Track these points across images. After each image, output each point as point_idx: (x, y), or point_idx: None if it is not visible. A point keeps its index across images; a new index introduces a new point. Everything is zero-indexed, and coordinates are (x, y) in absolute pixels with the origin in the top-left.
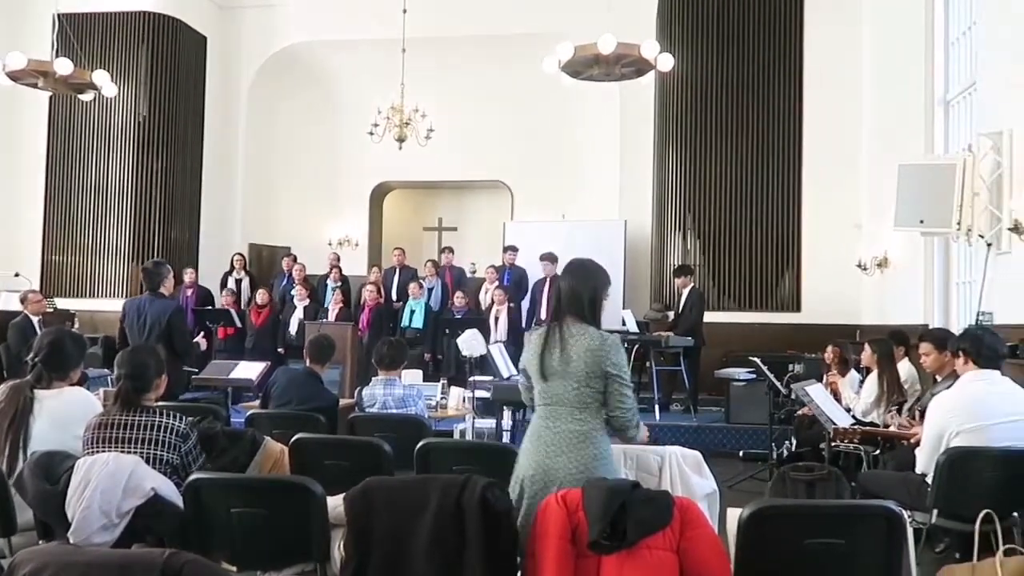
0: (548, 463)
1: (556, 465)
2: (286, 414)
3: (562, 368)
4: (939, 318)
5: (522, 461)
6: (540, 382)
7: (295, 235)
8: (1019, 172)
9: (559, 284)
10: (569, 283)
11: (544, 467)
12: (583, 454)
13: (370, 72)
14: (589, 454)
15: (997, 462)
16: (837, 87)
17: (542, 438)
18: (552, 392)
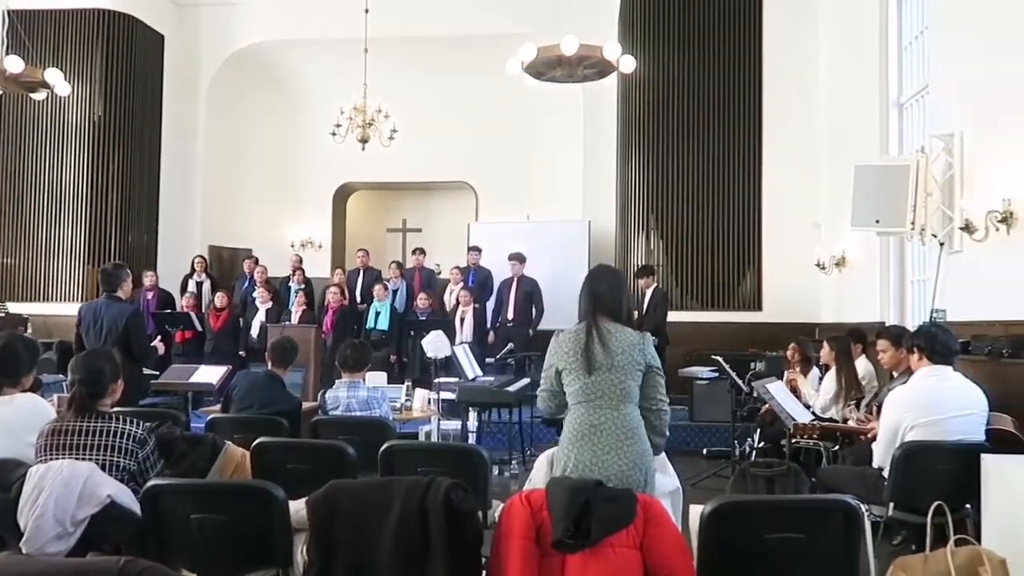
0: (601, 459)
1: (608, 461)
2: (247, 418)
3: (608, 361)
4: (895, 316)
5: (567, 457)
6: (583, 377)
7: (257, 237)
8: (969, 173)
9: (591, 287)
10: (603, 286)
11: (595, 464)
12: (632, 450)
13: (332, 72)
14: (637, 450)
15: (950, 455)
16: (795, 89)
17: (592, 434)
18: (598, 386)
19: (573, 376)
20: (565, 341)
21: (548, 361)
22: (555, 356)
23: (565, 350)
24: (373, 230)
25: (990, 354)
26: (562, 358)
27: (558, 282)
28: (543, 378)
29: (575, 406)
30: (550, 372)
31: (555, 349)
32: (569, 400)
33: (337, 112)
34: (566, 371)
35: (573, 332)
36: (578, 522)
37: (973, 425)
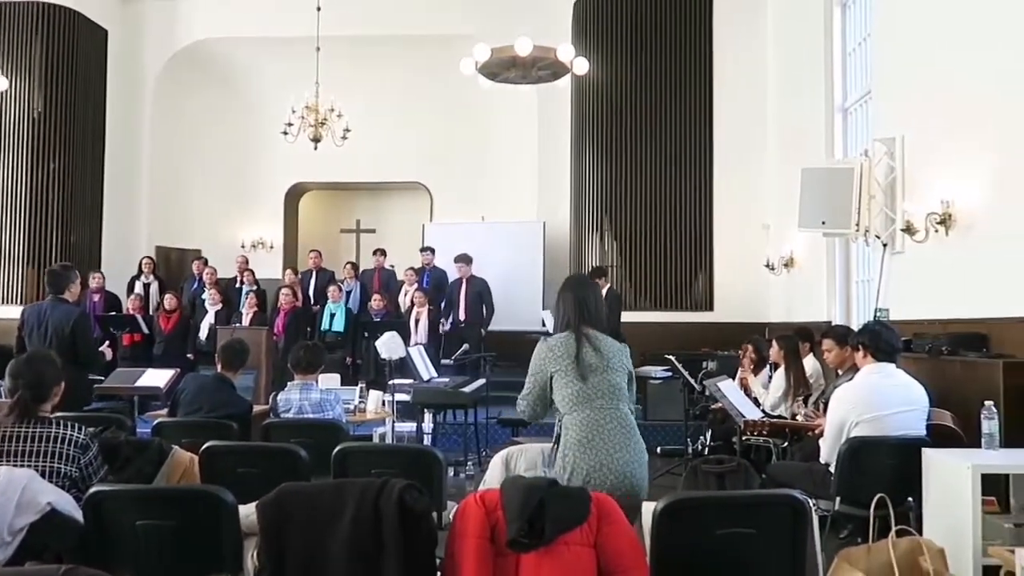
0: (613, 458)
1: (619, 459)
2: (196, 422)
3: (602, 364)
4: (841, 315)
5: (575, 461)
6: (578, 382)
7: (206, 237)
8: (910, 176)
9: (578, 295)
10: (590, 295)
11: (607, 463)
12: (638, 446)
13: (284, 70)
14: (641, 446)
15: (893, 450)
16: (745, 93)
17: (600, 434)
18: (596, 388)
19: (568, 379)
20: (557, 346)
21: (538, 366)
22: (547, 361)
23: (558, 354)
24: (326, 231)
25: (930, 352)
26: (555, 362)
27: (513, 283)
28: (530, 383)
29: (573, 411)
30: (541, 377)
31: (546, 354)
32: (563, 406)
33: (289, 111)
34: (560, 374)
35: (562, 338)
36: (532, 521)
37: (915, 421)
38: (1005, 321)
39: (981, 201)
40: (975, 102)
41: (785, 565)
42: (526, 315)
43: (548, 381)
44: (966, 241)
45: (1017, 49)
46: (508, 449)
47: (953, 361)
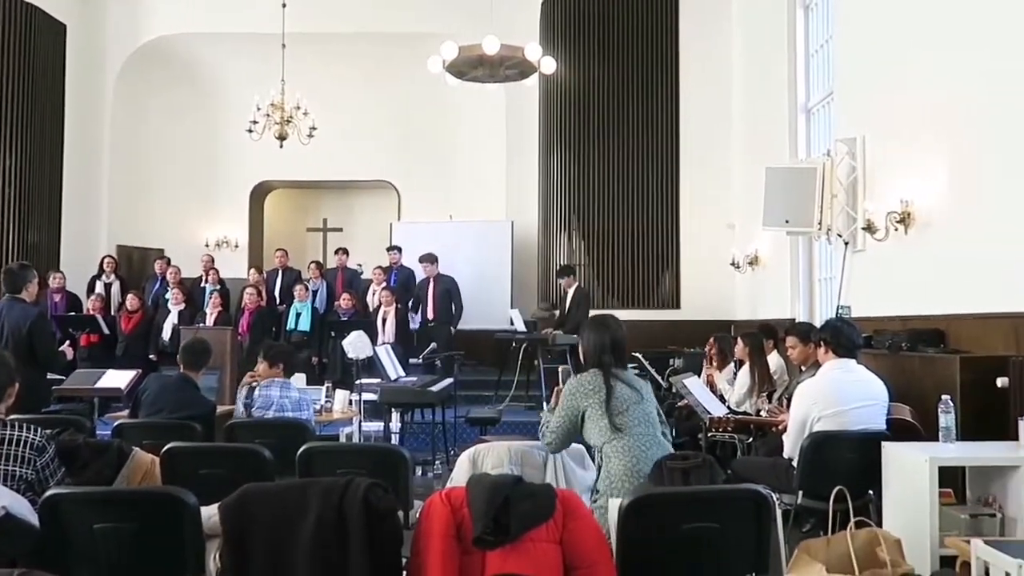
0: None
1: None
2: (157, 423)
3: (637, 396)
4: (804, 312)
5: (626, 484)
6: (614, 415)
7: (169, 236)
8: (871, 175)
9: (615, 336)
10: (623, 338)
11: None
12: None
13: (248, 67)
14: None
15: (854, 444)
16: (710, 93)
17: (646, 459)
18: (635, 417)
19: (602, 411)
20: (587, 383)
21: (570, 402)
22: (578, 396)
23: (588, 389)
24: (292, 230)
25: (890, 348)
26: (587, 397)
27: (481, 282)
28: (560, 416)
29: (613, 439)
30: (572, 412)
31: (577, 389)
32: (601, 436)
33: (254, 108)
34: (592, 408)
35: (590, 376)
36: (498, 518)
37: (875, 415)
38: (961, 317)
39: (938, 201)
40: (932, 104)
41: (749, 558)
42: (495, 314)
43: (580, 416)
44: (924, 240)
45: (971, 53)
46: (475, 447)
47: (912, 357)
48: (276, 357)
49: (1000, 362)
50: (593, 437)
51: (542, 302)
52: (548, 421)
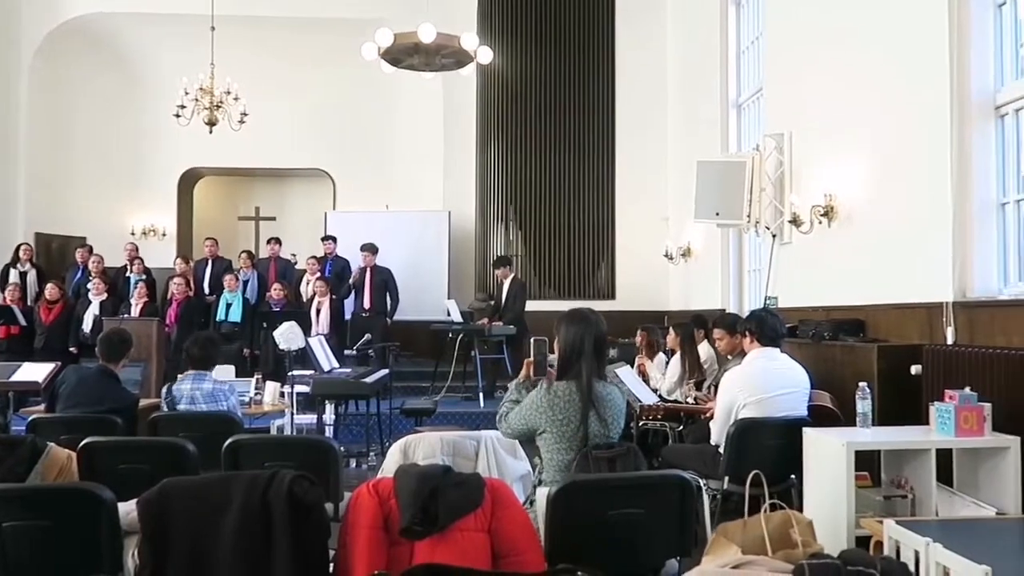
0: None
1: None
2: (75, 417)
3: (604, 432)
4: (734, 303)
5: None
6: (572, 452)
7: (92, 224)
8: (797, 170)
9: (598, 333)
10: (604, 335)
11: None
12: None
13: (176, 50)
14: None
15: (777, 430)
16: (645, 87)
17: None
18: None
19: (561, 446)
20: (558, 407)
21: (532, 416)
22: (541, 417)
23: (558, 417)
24: (223, 218)
25: (813, 337)
26: (552, 424)
27: (418, 272)
28: (519, 421)
29: (559, 478)
30: (530, 425)
31: (545, 409)
32: (549, 468)
33: (181, 93)
34: (551, 435)
35: (566, 395)
36: (426, 508)
37: (797, 402)
38: (880, 308)
39: (859, 195)
40: (854, 101)
41: (673, 542)
42: (431, 305)
43: (536, 430)
44: (846, 233)
45: (890, 52)
46: (407, 438)
47: (833, 346)
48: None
49: (915, 350)
50: (545, 459)
51: (479, 293)
52: (508, 412)
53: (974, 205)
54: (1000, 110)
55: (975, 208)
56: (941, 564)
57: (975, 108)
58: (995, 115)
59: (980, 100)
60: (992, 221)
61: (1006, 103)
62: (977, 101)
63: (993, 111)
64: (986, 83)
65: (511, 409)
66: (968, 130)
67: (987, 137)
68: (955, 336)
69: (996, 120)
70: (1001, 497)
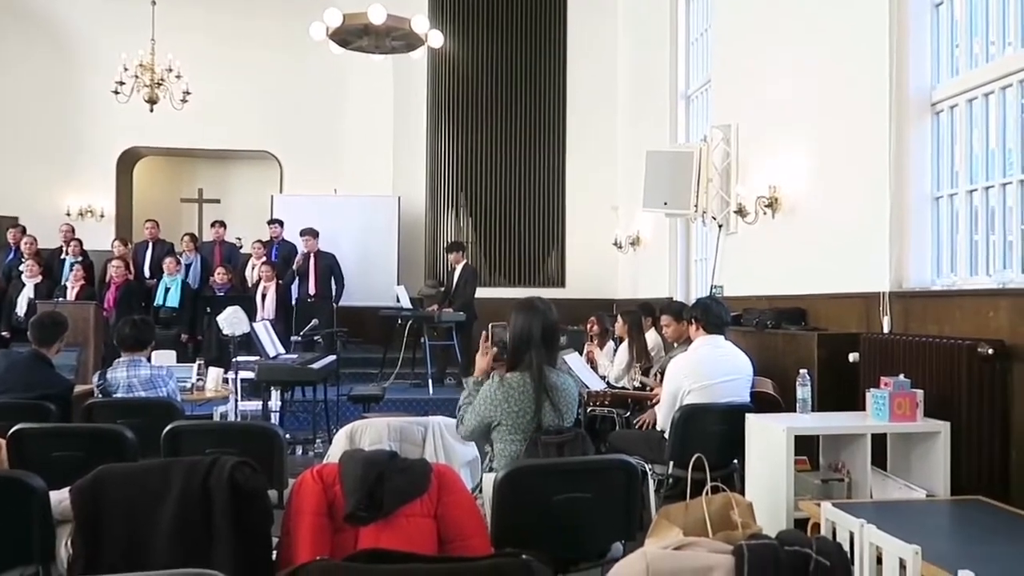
0: None
1: None
2: (5, 404)
3: (557, 421)
4: (681, 291)
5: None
6: (525, 443)
7: (24, 204)
8: (744, 161)
9: (545, 321)
10: (554, 323)
11: None
12: None
13: (114, 23)
14: None
15: (721, 416)
16: (596, 76)
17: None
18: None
19: (514, 436)
20: (513, 398)
21: (486, 410)
22: (496, 409)
23: (513, 409)
24: (164, 200)
25: (757, 325)
26: (507, 416)
27: (367, 258)
28: (474, 419)
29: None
30: (485, 420)
31: (499, 402)
32: (500, 457)
33: (120, 69)
34: (505, 428)
35: (519, 386)
36: (372, 494)
37: (740, 388)
38: (820, 297)
39: (801, 187)
40: (798, 95)
41: (619, 525)
42: (380, 291)
43: (492, 423)
44: (789, 224)
45: (832, 47)
46: (354, 423)
47: (776, 334)
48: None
49: (853, 339)
50: (497, 450)
51: (429, 279)
52: (464, 414)
53: (910, 199)
54: (936, 107)
55: (911, 202)
56: (874, 544)
57: (912, 105)
58: (931, 112)
59: (917, 97)
60: (927, 215)
61: (942, 100)
62: (914, 98)
63: (929, 108)
64: (923, 80)
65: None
66: (906, 126)
67: (923, 133)
68: (891, 325)
69: (932, 116)
70: (931, 480)
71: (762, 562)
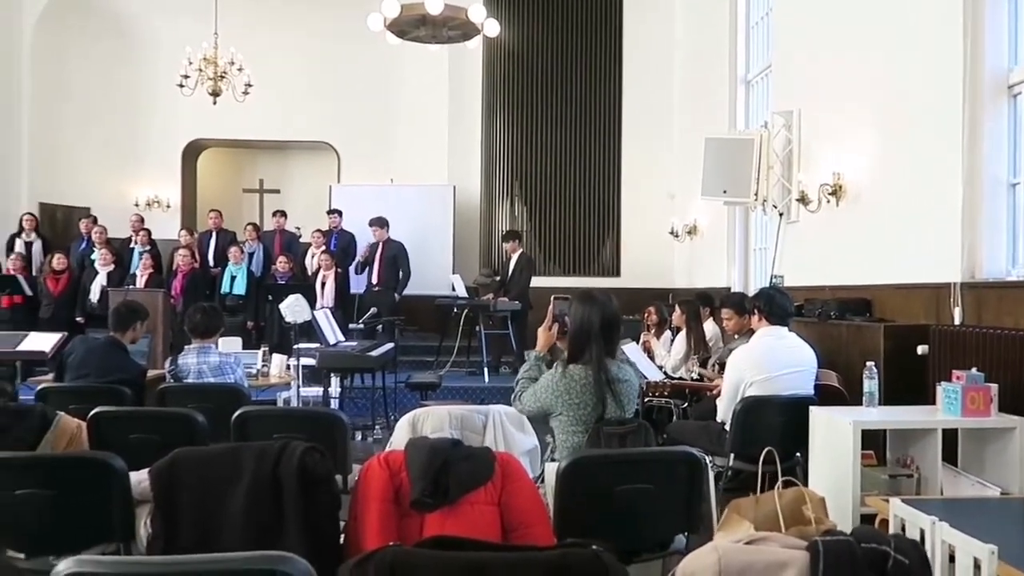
0: None
1: None
2: (84, 387)
3: (619, 413)
4: (739, 281)
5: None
6: (587, 434)
7: (95, 195)
8: (806, 148)
9: (605, 313)
10: (615, 317)
11: None
12: None
13: (179, 19)
14: None
15: (783, 408)
16: (653, 63)
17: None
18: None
19: (576, 428)
20: (575, 390)
21: (547, 398)
22: (557, 400)
23: (575, 401)
24: (227, 190)
25: (820, 316)
26: (568, 407)
27: (422, 247)
28: (533, 401)
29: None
30: (544, 406)
31: (562, 392)
32: (563, 448)
33: (185, 63)
34: (567, 418)
35: (581, 378)
36: (437, 481)
37: (804, 381)
38: (886, 287)
39: (867, 174)
40: (863, 78)
41: (681, 517)
42: (435, 280)
43: (550, 411)
44: (854, 212)
45: (901, 28)
46: (415, 411)
47: (840, 325)
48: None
49: (921, 330)
50: (559, 440)
51: (484, 268)
52: (522, 391)
53: (984, 185)
54: (1013, 89)
55: (985, 188)
56: (947, 542)
57: (988, 87)
58: (1008, 95)
59: (993, 79)
60: (1002, 202)
61: (1019, 82)
62: (990, 80)
63: (1006, 90)
64: (999, 62)
65: (526, 388)
66: (980, 109)
67: (999, 117)
68: (963, 316)
69: (1009, 100)
70: (1006, 477)
71: (838, 559)
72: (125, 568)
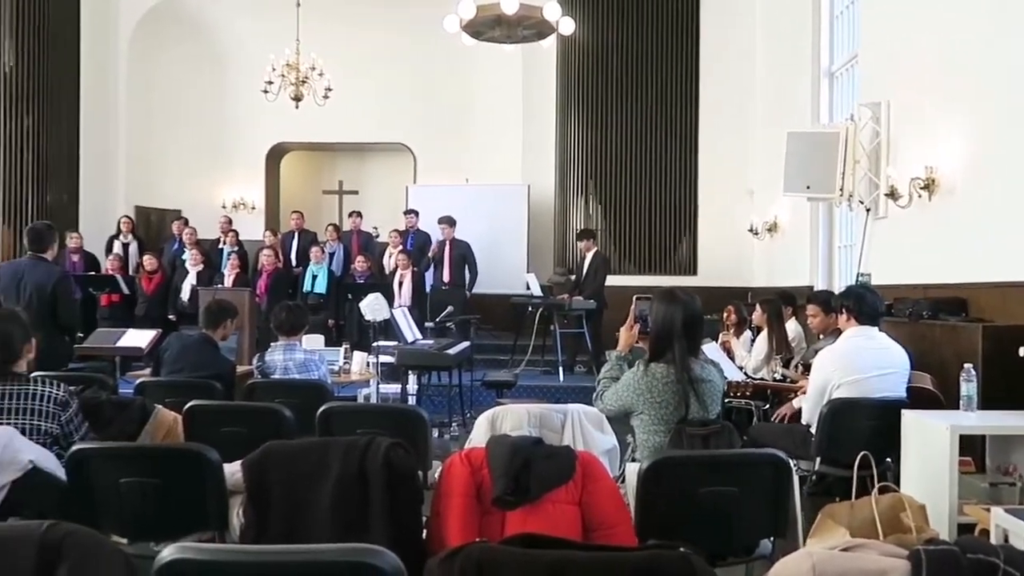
0: None
1: None
2: (179, 381)
3: (702, 414)
4: (823, 279)
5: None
6: (670, 434)
7: (185, 198)
8: (895, 141)
9: (686, 314)
10: (695, 315)
11: None
12: None
13: (263, 26)
14: None
15: (873, 411)
16: (732, 56)
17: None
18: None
19: (658, 427)
20: (657, 389)
21: (628, 397)
22: (639, 398)
23: (656, 399)
24: (308, 192)
25: (911, 316)
26: (649, 406)
27: (497, 246)
28: (614, 401)
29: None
30: (626, 405)
31: (643, 391)
32: (644, 449)
33: (268, 69)
34: (648, 417)
35: (663, 376)
36: (518, 479)
37: (895, 383)
38: (983, 286)
39: (962, 167)
40: (958, 68)
41: (767, 522)
42: (510, 278)
43: (631, 410)
44: (947, 207)
45: (999, 17)
46: (494, 409)
47: (933, 325)
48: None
49: (1022, 331)
50: (639, 439)
51: (558, 267)
52: (604, 390)
53: None
54: None
55: None
56: None
57: None
58: None
59: None
60: None
61: None
62: None
63: None
64: None
65: (607, 387)
66: None
67: None
68: None
69: None
70: None
71: (943, 569)
72: (225, 556)
